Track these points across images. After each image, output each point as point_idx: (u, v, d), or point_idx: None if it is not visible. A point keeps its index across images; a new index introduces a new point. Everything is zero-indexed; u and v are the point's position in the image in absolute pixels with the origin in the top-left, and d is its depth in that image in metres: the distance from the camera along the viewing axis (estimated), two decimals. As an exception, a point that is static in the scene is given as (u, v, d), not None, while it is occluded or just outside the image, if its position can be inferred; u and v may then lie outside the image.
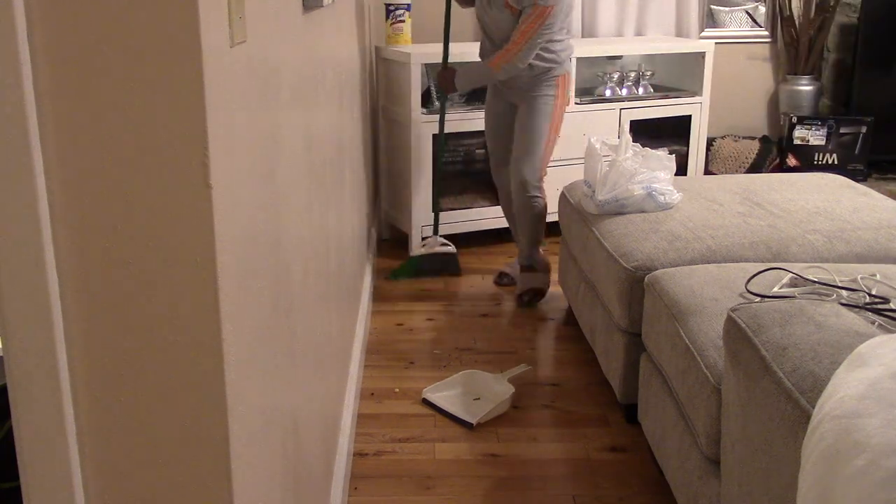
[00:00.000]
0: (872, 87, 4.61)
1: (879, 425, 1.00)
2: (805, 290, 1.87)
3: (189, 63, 0.82)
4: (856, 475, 0.98)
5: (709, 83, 4.23)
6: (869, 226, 2.45)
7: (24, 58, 0.78)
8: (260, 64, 1.12)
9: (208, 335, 0.89)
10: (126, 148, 0.83)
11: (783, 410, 1.31)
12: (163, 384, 0.90)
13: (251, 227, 1.05)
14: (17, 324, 0.85)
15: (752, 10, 4.82)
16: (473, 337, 3.04)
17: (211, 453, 0.93)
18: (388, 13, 3.94)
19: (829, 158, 4.58)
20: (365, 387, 2.68)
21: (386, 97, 3.96)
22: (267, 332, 1.16)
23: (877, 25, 4.54)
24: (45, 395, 0.87)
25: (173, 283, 0.87)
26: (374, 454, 2.31)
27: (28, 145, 0.80)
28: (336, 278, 2.13)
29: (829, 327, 1.43)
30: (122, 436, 0.91)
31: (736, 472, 1.53)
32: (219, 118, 0.88)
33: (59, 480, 0.89)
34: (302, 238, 1.52)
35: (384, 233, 4.15)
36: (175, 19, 0.81)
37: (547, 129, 3.11)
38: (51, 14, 0.80)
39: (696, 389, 1.76)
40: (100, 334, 0.88)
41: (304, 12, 1.59)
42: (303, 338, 1.52)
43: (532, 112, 3.12)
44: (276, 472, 1.23)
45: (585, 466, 2.26)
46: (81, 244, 0.85)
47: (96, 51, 0.81)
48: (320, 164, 1.82)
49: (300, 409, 1.48)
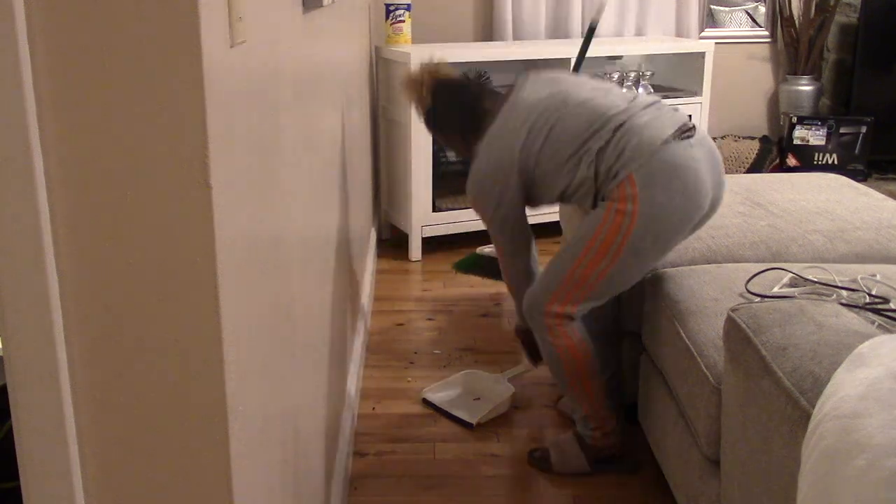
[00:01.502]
0: (872, 87, 4.61)
1: (880, 425, 1.00)
2: (805, 290, 1.87)
3: (189, 63, 0.82)
4: (856, 475, 0.98)
5: (709, 83, 4.23)
6: (870, 226, 2.45)
7: (24, 58, 0.78)
8: (260, 64, 1.12)
9: (208, 335, 0.89)
10: (126, 148, 0.83)
11: (783, 410, 1.31)
12: (163, 384, 0.90)
13: (251, 227, 1.05)
14: (17, 324, 0.85)
15: (752, 10, 4.82)
16: (473, 337, 3.04)
17: (211, 453, 0.93)
18: (388, 13, 3.94)
19: (829, 158, 4.58)
20: (365, 387, 2.68)
21: (386, 97, 3.96)
22: (267, 332, 1.16)
23: (877, 25, 4.54)
24: (45, 395, 0.87)
25: (173, 283, 0.87)
26: (374, 454, 2.31)
27: (28, 145, 0.80)
28: (336, 278, 2.13)
29: (829, 327, 1.43)
30: (122, 436, 0.91)
31: (736, 472, 1.53)
32: (219, 118, 0.88)
33: (59, 480, 0.89)
34: (302, 238, 1.52)
35: (384, 233, 4.15)
36: (175, 20, 0.81)
37: (583, 246, 2.04)
38: (51, 14, 0.80)
39: (696, 389, 1.76)
40: (100, 334, 0.88)
41: (304, 12, 1.59)
42: (303, 338, 1.52)
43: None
44: (276, 472, 1.23)
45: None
46: (81, 244, 0.85)
47: (96, 51, 0.81)
48: (320, 164, 1.82)
49: (300, 409, 1.48)
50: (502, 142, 2.12)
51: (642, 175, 1.96)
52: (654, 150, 1.97)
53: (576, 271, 2.05)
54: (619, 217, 1.97)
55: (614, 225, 1.98)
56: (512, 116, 2.13)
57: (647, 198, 1.96)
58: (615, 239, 1.99)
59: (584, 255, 2.04)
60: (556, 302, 2.11)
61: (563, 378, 2.20)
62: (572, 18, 4.40)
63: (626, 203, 1.96)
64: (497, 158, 2.13)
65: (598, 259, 2.02)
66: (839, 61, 4.79)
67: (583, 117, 2.06)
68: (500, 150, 2.12)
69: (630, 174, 1.96)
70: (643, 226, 1.97)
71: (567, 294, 2.10)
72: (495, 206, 2.17)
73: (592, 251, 2.02)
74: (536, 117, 2.09)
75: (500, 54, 3.87)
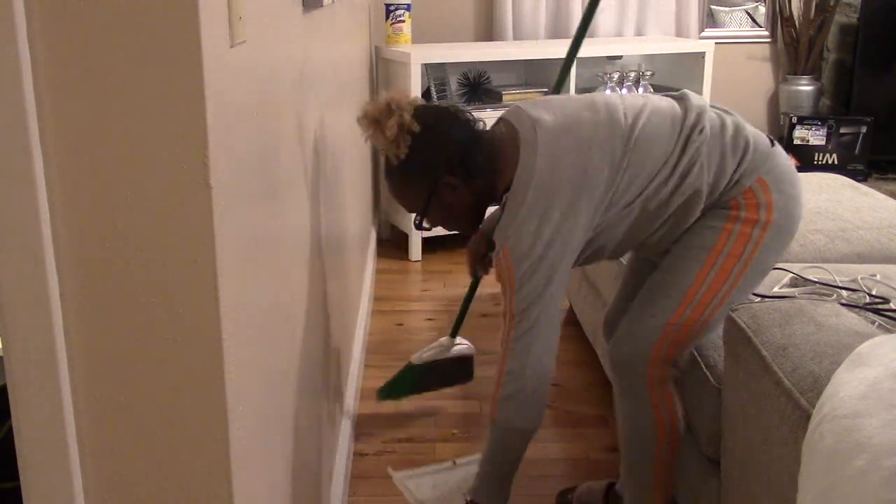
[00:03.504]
0: (872, 87, 4.61)
1: (880, 425, 1.00)
2: (805, 290, 1.87)
3: (189, 63, 0.82)
4: (856, 475, 0.98)
5: (709, 83, 4.23)
6: (871, 226, 2.45)
7: (24, 58, 0.78)
8: (260, 64, 1.12)
9: (208, 335, 0.89)
10: (126, 148, 0.83)
11: (783, 410, 1.31)
12: (163, 384, 0.90)
13: (251, 227, 1.05)
14: (17, 324, 0.85)
15: (752, 10, 4.82)
16: (473, 337, 3.04)
17: (211, 453, 0.93)
18: (388, 13, 3.94)
19: (829, 158, 4.58)
20: (365, 387, 2.68)
21: (386, 97, 3.96)
22: (267, 332, 1.16)
23: (877, 25, 4.54)
24: (45, 395, 0.87)
25: (173, 283, 0.87)
26: (374, 454, 2.31)
27: (28, 145, 0.80)
28: (336, 278, 2.13)
29: (829, 327, 1.43)
30: (122, 436, 0.91)
31: (736, 472, 1.53)
32: (219, 118, 0.88)
33: (59, 480, 0.89)
34: (302, 238, 1.52)
35: (384, 233, 4.15)
36: (175, 19, 0.81)
37: (702, 262, 1.68)
38: (51, 14, 0.80)
39: (696, 389, 1.76)
40: (100, 334, 0.88)
41: (304, 12, 1.59)
42: (303, 338, 1.52)
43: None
44: (275, 472, 1.23)
45: (585, 466, 2.26)
46: (81, 244, 0.85)
47: (96, 51, 0.81)
48: (320, 163, 1.82)
49: (300, 409, 1.48)
50: (566, 171, 1.60)
51: (772, 180, 1.66)
52: (768, 152, 1.69)
53: (694, 297, 1.66)
54: (747, 227, 1.65)
55: (742, 236, 1.65)
56: (564, 141, 1.62)
57: (781, 204, 1.66)
58: (742, 252, 1.65)
59: (705, 274, 1.66)
60: (666, 343, 1.69)
61: (648, 458, 1.76)
62: (572, 18, 4.40)
63: (757, 211, 1.65)
64: (567, 198, 1.60)
65: (721, 278, 1.66)
66: (839, 61, 4.79)
67: (660, 126, 1.66)
68: (565, 182, 1.60)
69: (760, 178, 1.65)
70: (774, 236, 1.66)
71: (682, 330, 1.68)
72: (539, 257, 1.61)
73: (716, 268, 1.65)
74: (603, 139, 1.63)
75: (500, 54, 3.87)
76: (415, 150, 1.66)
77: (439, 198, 1.72)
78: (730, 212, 1.66)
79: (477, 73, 4.14)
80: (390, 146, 1.67)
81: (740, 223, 1.65)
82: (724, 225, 1.66)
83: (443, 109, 1.73)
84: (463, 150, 1.68)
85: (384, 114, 1.66)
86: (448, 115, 1.72)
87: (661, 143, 1.65)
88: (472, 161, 1.69)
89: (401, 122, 1.64)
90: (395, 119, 1.64)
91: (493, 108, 3.89)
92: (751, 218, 1.65)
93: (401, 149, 1.66)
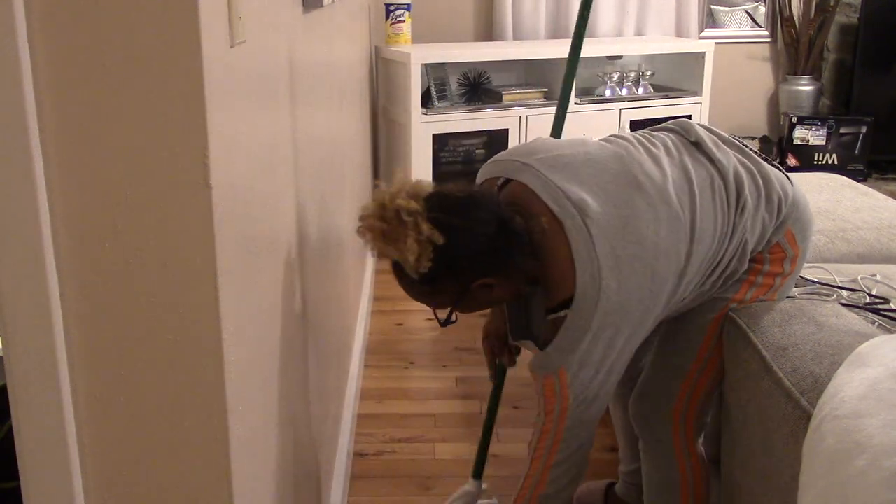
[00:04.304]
0: (872, 87, 4.61)
1: (880, 425, 1.00)
2: (805, 291, 1.87)
3: (189, 63, 0.82)
4: (857, 475, 0.98)
5: (709, 83, 4.24)
6: (871, 226, 2.45)
7: (24, 58, 0.78)
8: (260, 64, 1.12)
9: (208, 335, 0.89)
10: (126, 148, 0.83)
11: (783, 410, 1.31)
12: (163, 384, 0.90)
13: (251, 227, 1.05)
14: (17, 324, 0.85)
15: (752, 10, 4.82)
16: (474, 337, 3.04)
17: (211, 453, 0.93)
18: (388, 13, 3.94)
19: (829, 158, 4.58)
20: (365, 387, 2.68)
21: (386, 97, 3.96)
22: (267, 332, 1.16)
23: (877, 25, 4.54)
24: (45, 395, 0.87)
25: (173, 283, 0.87)
26: (374, 454, 2.31)
27: (28, 145, 0.80)
28: (336, 278, 2.13)
29: (829, 327, 1.43)
30: (122, 436, 0.91)
31: (736, 472, 1.53)
32: (219, 118, 0.88)
33: (59, 480, 0.89)
34: (302, 238, 1.52)
35: (384, 233, 4.15)
36: (175, 19, 0.81)
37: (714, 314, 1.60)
38: (51, 14, 0.80)
39: (697, 389, 1.76)
40: (100, 334, 0.88)
41: (304, 12, 1.59)
42: (303, 338, 1.52)
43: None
44: (275, 472, 1.23)
45: (585, 466, 2.26)
46: (81, 244, 0.85)
47: (96, 51, 0.81)
48: (320, 163, 1.82)
49: (300, 409, 1.48)
50: (634, 293, 1.40)
51: (799, 229, 1.56)
52: (793, 196, 1.56)
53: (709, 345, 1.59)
54: (769, 279, 1.57)
55: (763, 287, 1.57)
56: (626, 246, 1.39)
57: (804, 249, 1.58)
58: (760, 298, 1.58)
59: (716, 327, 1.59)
60: (686, 397, 1.61)
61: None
62: (572, 18, 4.40)
63: (782, 265, 1.56)
64: (645, 283, 1.41)
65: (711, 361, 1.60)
66: (839, 61, 4.79)
67: (710, 211, 1.47)
68: (634, 303, 1.41)
69: (789, 230, 1.55)
70: (794, 277, 1.60)
71: (699, 381, 1.60)
72: (600, 384, 1.45)
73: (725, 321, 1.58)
74: (667, 244, 1.42)
75: (500, 54, 3.87)
76: (439, 263, 1.34)
77: (472, 297, 1.44)
78: (753, 265, 1.56)
79: (477, 73, 4.14)
80: (409, 265, 1.34)
81: (763, 276, 1.57)
82: (747, 278, 1.57)
83: (462, 199, 1.39)
84: (497, 249, 1.39)
85: (395, 225, 1.33)
86: (469, 203, 1.39)
87: (713, 231, 1.47)
88: (511, 261, 1.41)
89: (419, 238, 1.32)
90: (412, 235, 1.31)
91: (493, 108, 3.89)
92: (774, 271, 1.57)
93: (422, 264, 1.33)
